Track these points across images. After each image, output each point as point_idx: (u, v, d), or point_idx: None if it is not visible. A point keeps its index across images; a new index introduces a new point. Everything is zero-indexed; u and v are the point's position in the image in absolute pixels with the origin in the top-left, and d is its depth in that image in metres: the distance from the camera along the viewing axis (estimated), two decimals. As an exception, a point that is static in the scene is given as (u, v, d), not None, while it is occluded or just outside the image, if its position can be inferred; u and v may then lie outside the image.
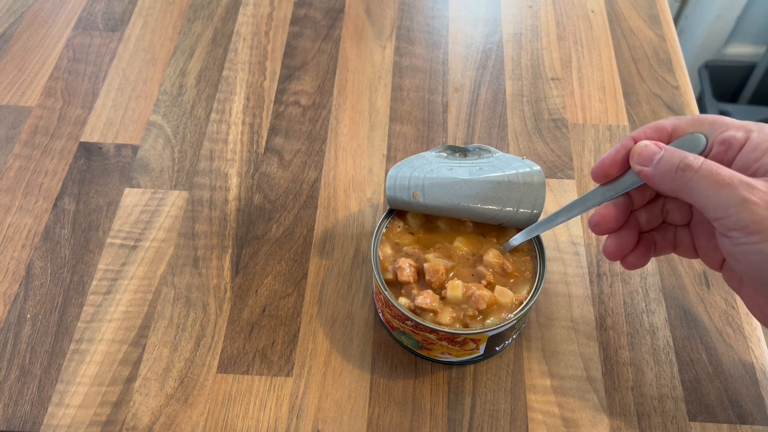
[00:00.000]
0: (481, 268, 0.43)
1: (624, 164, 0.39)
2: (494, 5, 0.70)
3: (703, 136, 0.37)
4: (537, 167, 0.45)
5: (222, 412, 0.44)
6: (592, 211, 0.45)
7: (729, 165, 0.36)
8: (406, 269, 0.43)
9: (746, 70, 1.44)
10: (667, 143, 0.39)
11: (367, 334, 0.48)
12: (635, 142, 0.39)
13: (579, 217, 0.54)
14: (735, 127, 0.37)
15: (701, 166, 0.35)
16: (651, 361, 0.46)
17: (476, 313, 0.41)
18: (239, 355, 0.47)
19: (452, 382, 0.46)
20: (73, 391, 0.45)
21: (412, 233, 0.46)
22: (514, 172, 0.45)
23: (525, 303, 0.42)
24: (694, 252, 0.42)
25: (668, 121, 0.39)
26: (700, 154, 0.37)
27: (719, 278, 0.50)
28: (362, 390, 0.45)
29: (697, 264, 0.51)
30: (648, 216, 0.42)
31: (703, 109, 1.35)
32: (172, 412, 0.44)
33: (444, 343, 0.42)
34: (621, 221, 0.41)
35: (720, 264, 0.41)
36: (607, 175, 0.40)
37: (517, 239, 0.44)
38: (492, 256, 0.44)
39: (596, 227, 0.41)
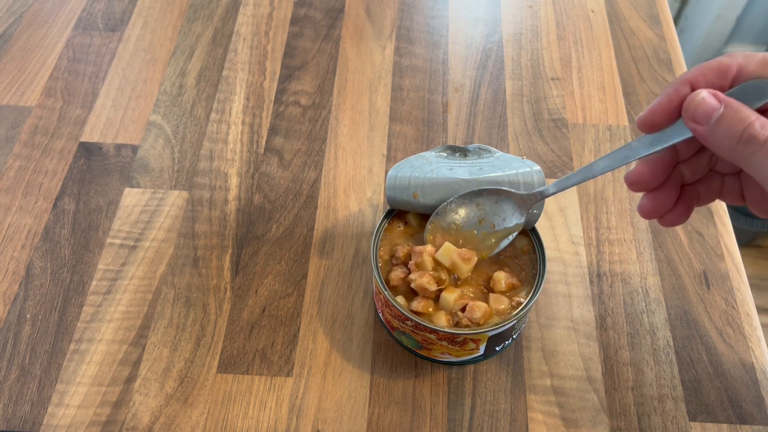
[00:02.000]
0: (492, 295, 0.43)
1: (676, 113, 0.34)
2: (494, 5, 0.70)
3: None
4: (537, 167, 0.45)
5: (222, 412, 0.44)
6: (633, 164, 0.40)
7: None
8: (399, 286, 0.43)
9: (746, 70, 1.44)
10: (729, 89, 0.33)
11: (367, 334, 0.48)
12: (692, 88, 0.33)
13: (579, 217, 0.54)
14: None
15: (767, 141, 0.30)
16: (651, 361, 0.46)
17: (470, 323, 0.41)
18: (239, 355, 0.47)
19: (452, 382, 0.46)
20: (73, 391, 0.45)
21: (411, 235, 0.46)
22: (514, 172, 0.45)
23: (525, 303, 0.42)
24: (741, 199, 0.37)
25: (734, 61, 0.33)
26: (766, 106, 0.32)
27: (719, 278, 0.50)
28: (362, 390, 0.45)
29: (697, 264, 0.51)
30: (693, 168, 0.37)
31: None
32: (172, 412, 0.44)
33: (444, 343, 0.42)
34: (662, 178, 0.37)
35: None
36: (654, 126, 0.35)
37: (549, 189, 0.41)
38: (503, 277, 0.43)
39: (633, 185, 0.37)
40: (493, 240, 0.44)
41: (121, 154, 0.58)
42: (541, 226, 0.52)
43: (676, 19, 1.47)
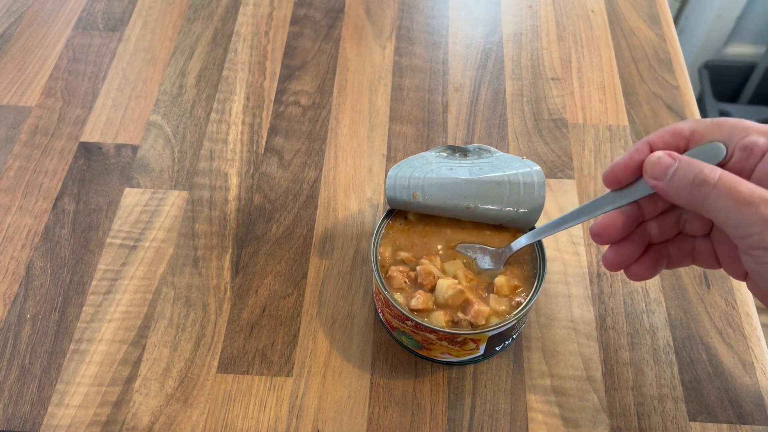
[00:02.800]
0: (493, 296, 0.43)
1: (637, 171, 0.37)
2: (494, 5, 0.70)
3: (722, 145, 0.35)
4: (537, 167, 0.45)
5: (222, 412, 0.44)
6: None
7: (750, 173, 0.34)
8: (398, 277, 0.43)
9: (746, 70, 1.44)
10: (685, 149, 0.37)
11: (367, 334, 0.48)
12: (651, 149, 0.37)
13: (579, 217, 0.54)
14: (757, 131, 0.34)
15: (718, 181, 0.32)
16: (651, 361, 0.46)
17: (470, 325, 0.41)
18: (239, 355, 0.47)
19: (452, 382, 0.46)
20: (73, 391, 0.45)
21: (410, 230, 0.46)
22: (514, 172, 0.45)
23: (525, 303, 0.42)
24: (716, 263, 0.40)
25: (686, 125, 0.37)
26: (719, 164, 0.35)
27: (719, 278, 0.50)
28: (362, 390, 0.45)
29: (697, 264, 0.51)
30: (661, 227, 0.40)
31: (703, 109, 1.35)
32: (172, 412, 0.44)
33: (444, 343, 0.42)
34: (625, 231, 0.39)
35: (745, 275, 0.38)
36: (619, 181, 0.38)
37: (520, 242, 0.44)
38: (504, 281, 0.43)
39: (597, 237, 0.40)
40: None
41: (121, 154, 0.58)
42: (541, 222, 0.52)
43: (676, 19, 1.47)
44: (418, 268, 0.43)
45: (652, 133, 0.38)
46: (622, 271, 0.51)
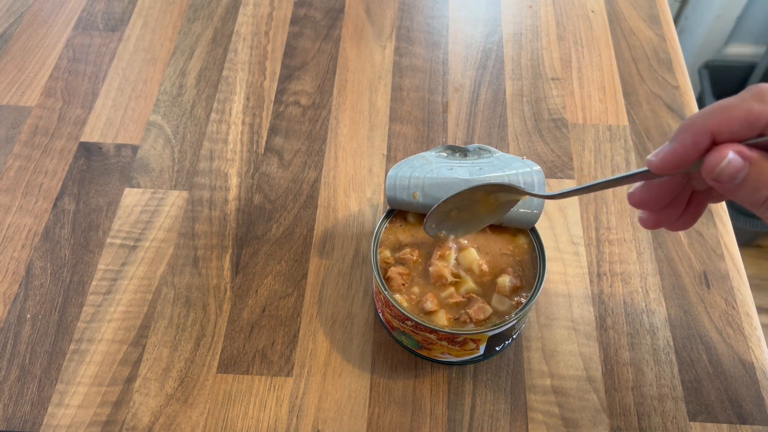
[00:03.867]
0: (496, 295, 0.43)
1: (693, 161, 0.30)
2: (494, 5, 0.70)
3: None
4: (537, 167, 0.45)
5: (222, 412, 0.44)
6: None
7: None
8: (397, 279, 0.43)
9: (746, 70, 1.44)
10: (757, 136, 0.30)
11: (367, 334, 0.48)
12: (713, 141, 0.30)
13: (579, 217, 0.54)
14: None
15: None
16: (651, 361, 0.46)
17: (470, 320, 0.41)
18: (239, 355, 0.47)
19: (452, 382, 0.46)
20: (73, 391, 0.45)
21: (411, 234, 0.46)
22: (514, 172, 0.45)
23: (525, 303, 0.42)
24: None
25: (764, 109, 0.29)
26: None
27: (719, 278, 0.50)
28: (362, 390, 0.45)
29: (697, 264, 0.51)
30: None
31: (703, 109, 1.34)
32: (172, 412, 0.44)
33: (444, 343, 0.42)
34: (670, 198, 0.34)
35: None
36: (667, 173, 0.31)
37: (561, 194, 0.38)
38: (507, 281, 0.43)
39: (637, 205, 0.35)
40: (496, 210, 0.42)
41: (121, 154, 0.58)
42: (541, 226, 0.52)
43: (676, 19, 1.47)
44: (430, 269, 0.43)
45: (716, 112, 0.29)
46: (622, 270, 0.51)
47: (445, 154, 0.47)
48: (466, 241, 0.45)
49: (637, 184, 0.34)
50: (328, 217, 0.54)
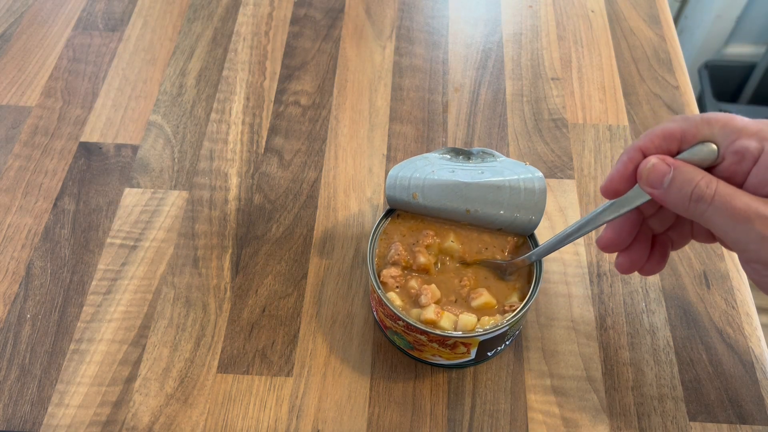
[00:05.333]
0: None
1: (633, 179, 0.37)
2: (494, 5, 0.70)
3: (714, 147, 0.34)
4: (539, 173, 0.45)
5: (222, 412, 0.44)
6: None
7: (743, 179, 0.34)
8: (390, 283, 0.43)
9: (746, 70, 1.44)
10: (677, 152, 0.36)
11: (367, 335, 0.48)
12: (643, 155, 0.36)
13: (578, 216, 0.54)
14: (748, 134, 0.33)
15: (714, 196, 0.33)
16: (651, 361, 0.46)
17: (461, 299, 0.42)
18: (239, 355, 0.47)
19: (452, 382, 0.46)
20: (73, 391, 0.45)
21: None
22: (515, 177, 0.45)
23: (519, 309, 0.42)
24: (713, 238, 0.40)
25: (677, 126, 0.35)
26: (712, 164, 0.34)
27: (719, 278, 0.50)
28: (362, 390, 0.45)
29: (697, 264, 0.51)
30: (661, 219, 0.40)
31: (703, 109, 1.35)
32: (172, 412, 0.44)
33: (435, 345, 0.42)
34: (632, 236, 0.39)
35: None
36: (617, 192, 0.37)
37: (537, 254, 0.43)
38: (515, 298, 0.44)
39: (606, 248, 0.40)
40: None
41: (121, 154, 0.58)
42: (540, 227, 0.52)
43: (676, 19, 1.47)
44: (423, 293, 0.43)
45: (642, 137, 0.37)
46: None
47: (448, 156, 0.47)
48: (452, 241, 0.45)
49: (602, 229, 0.40)
50: (328, 217, 0.54)
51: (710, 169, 0.35)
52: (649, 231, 0.40)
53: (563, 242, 0.41)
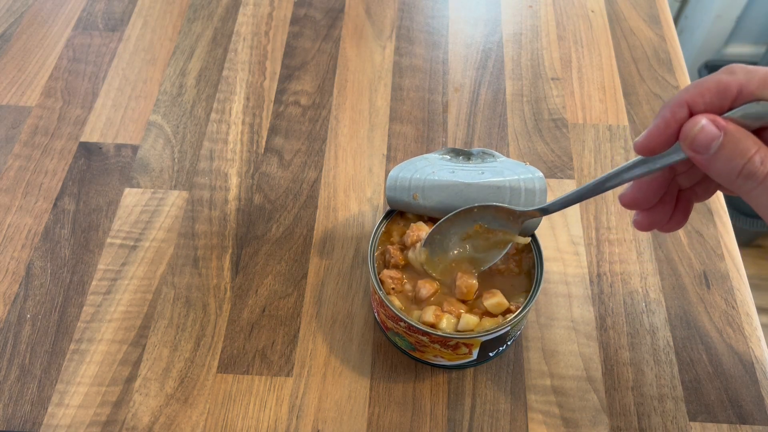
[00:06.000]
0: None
1: (674, 137, 0.32)
2: (494, 5, 0.70)
3: None
4: (539, 173, 0.45)
5: (222, 412, 0.44)
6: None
7: None
8: (388, 282, 0.43)
9: (746, 70, 1.44)
10: (729, 109, 0.31)
11: (367, 335, 0.48)
12: (690, 112, 0.31)
13: (579, 217, 0.54)
14: None
15: (767, 177, 0.29)
16: (651, 361, 0.46)
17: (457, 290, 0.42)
18: (239, 355, 0.47)
19: (452, 382, 0.46)
20: (73, 391, 0.45)
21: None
22: (515, 177, 0.45)
23: (520, 310, 0.42)
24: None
25: (734, 80, 0.30)
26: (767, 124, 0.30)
27: (719, 278, 0.50)
28: (362, 390, 0.45)
29: (697, 264, 0.51)
30: (690, 175, 0.36)
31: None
32: (172, 412, 0.44)
33: (436, 346, 0.42)
34: (659, 195, 0.36)
35: None
36: (653, 151, 0.33)
37: (555, 205, 0.40)
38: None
39: (628, 206, 0.36)
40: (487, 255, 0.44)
41: (121, 154, 0.58)
42: (540, 228, 0.52)
43: (676, 19, 1.47)
44: (422, 287, 0.43)
45: (690, 87, 0.32)
46: (622, 270, 0.51)
47: (448, 157, 0.47)
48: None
49: (627, 185, 0.36)
50: (328, 217, 0.54)
51: (763, 130, 0.31)
52: (676, 187, 0.37)
53: (584, 197, 0.38)
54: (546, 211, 0.40)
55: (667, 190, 0.36)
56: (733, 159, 0.30)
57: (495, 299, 0.42)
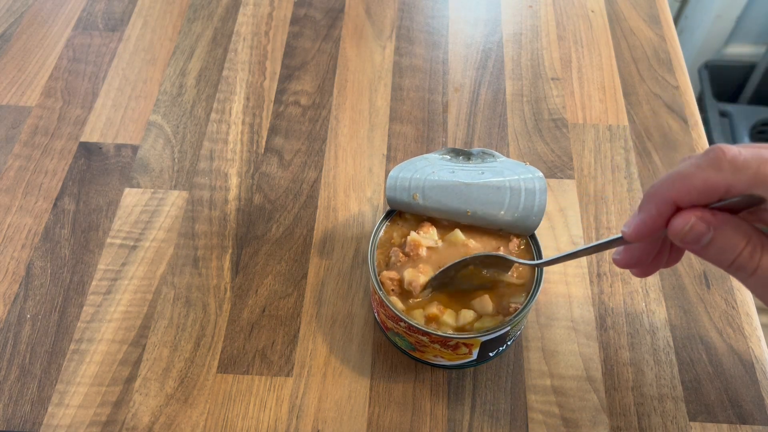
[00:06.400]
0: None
1: (663, 228, 0.32)
2: (494, 5, 0.70)
3: (763, 197, 0.29)
4: (539, 173, 0.45)
5: (222, 412, 0.44)
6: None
7: None
8: (387, 283, 0.43)
9: (746, 70, 1.44)
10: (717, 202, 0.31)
11: (367, 335, 0.48)
12: (677, 208, 0.31)
13: (579, 217, 0.54)
14: None
15: (757, 271, 0.30)
16: (651, 361, 0.46)
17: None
18: (239, 355, 0.47)
19: (452, 382, 0.46)
20: (73, 391, 0.45)
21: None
22: (515, 177, 0.45)
23: (520, 310, 0.42)
24: None
25: (722, 179, 0.29)
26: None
27: (719, 278, 0.50)
28: (362, 390, 0.45)
29: (697, 264, 0.51)
30: None
31: (702, 109, 1.35)
32: (172, 412, 0.44)
33: (436, 346, 0.42)
34: (653, 255, 0.36)
35: None
36: (642, 240, 0.33)
37: (547, 261, 0.41)
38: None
39: (624, 267, 0.37)
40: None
41: (121, 154, 0.58)
42: (541, 228, 0.52)
43: (676, 19, 1.47)
44: (408, 239, 0.43)
45: (675, 181, 0.31)
46: (622, 270, 0.51)
47: (448, 157, 0.47)
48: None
49: (618, 248, 0.36)
50: (328, 217, 0.54)
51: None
52: (668, 242, 0.37)
53: (576, 256, 0.39)
54: (538, 265, 0.42)
55: (660, 246, 0.37)
56: (723, 253, 0.30)
57: (481, 300, 0.42)
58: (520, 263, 0.43)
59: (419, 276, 0.43)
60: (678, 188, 0.30)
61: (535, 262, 0.42)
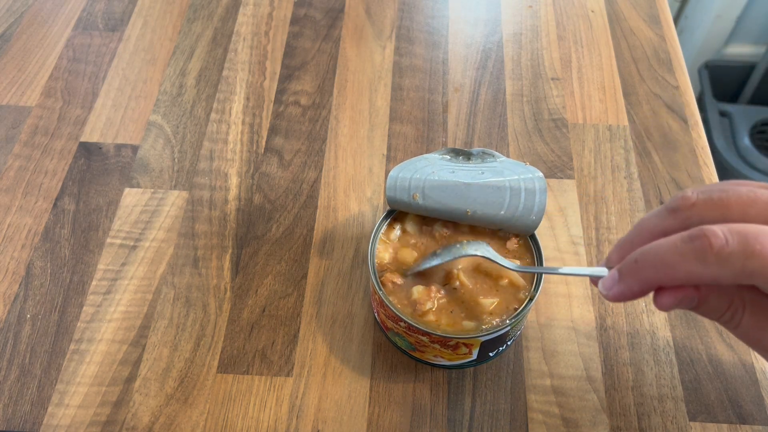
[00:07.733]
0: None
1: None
2: (494, 5, 0.70)
3: None
4: (539, 173, 0.45)
5: (222, 412, 0.44)
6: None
7: None
8: (389, 286, 0.43)
9: (746, 70, 1.44)
10: None
11: (367, 335, 0.48)
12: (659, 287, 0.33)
13: (579, 217, 0.54)
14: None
15: (738, 329, 0.32)
16: (651, 361, 0.47)
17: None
18: (239, 355, 0.47)
19: (452, 382, 0.46)
20: (73, 391, 0.45)
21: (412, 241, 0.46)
22: (515, 177, 0.45)
23: (520, 310, 0.42)
24: None
25: (708, 274, 0.29)
26: None
27: (719, 278, 0.50)
28: (362, 390, 0.45)
29: (697, 264, 0.51)
30: None
31: (702, 109, 1.35)
32: (172, 412, 0.44)
33: (436, 346, 0.42)
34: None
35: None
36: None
37: (517, 266, 0.42)
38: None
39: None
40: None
41: (121, 154, 0.58)
42: (541, 228, 0.52)
43: (676, 19, 1.47)
44: (414, 290, 0.43)
45: (658, 269, 0.31)
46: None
47: (448, 157, 0.47)
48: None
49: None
50: (328, 217, 0.54)
51: None
52: None
53: (554, 273, 0.40)
54: (520, 270, 0.42)
55: None
56: (708, 314, 0.33)
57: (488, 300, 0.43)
58: (504, 266, 0.42)
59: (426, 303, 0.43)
60: (661, 278, 0.31)
61: (518, 268, 0.42)
